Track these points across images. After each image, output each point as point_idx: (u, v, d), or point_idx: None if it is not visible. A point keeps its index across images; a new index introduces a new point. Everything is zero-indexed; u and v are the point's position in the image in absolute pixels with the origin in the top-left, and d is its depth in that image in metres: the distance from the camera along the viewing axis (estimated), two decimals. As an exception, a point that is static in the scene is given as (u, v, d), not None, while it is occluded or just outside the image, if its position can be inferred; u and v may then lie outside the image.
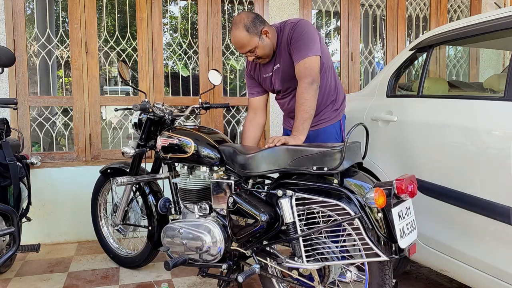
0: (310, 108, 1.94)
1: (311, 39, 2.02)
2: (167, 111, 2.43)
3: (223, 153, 2.09)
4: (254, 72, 2.29)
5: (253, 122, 2.34)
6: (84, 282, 2.51)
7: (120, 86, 3.99)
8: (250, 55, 2.10)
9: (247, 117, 2.38)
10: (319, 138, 2.20)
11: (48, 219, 3.19)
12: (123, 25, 3.44)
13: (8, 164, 2.20)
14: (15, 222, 1.97)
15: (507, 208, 1.61)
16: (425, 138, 2.02)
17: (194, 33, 3.65)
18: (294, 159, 1.76)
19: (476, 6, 4.19)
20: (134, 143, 2.50)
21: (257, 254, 1.91)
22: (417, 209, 1.99)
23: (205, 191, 2.19)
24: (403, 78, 2.76)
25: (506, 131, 1.64)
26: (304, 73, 1.99)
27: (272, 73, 2.18)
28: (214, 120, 3.54)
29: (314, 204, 1.72)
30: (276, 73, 2.17)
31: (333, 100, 2.22)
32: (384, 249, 1.58)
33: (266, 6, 3.57)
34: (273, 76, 2.19)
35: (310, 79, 1.97)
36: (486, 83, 2.41)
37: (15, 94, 3.11)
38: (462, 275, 1.86)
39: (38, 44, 3.26)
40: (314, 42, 2.02)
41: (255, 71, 2.29)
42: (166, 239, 2.21)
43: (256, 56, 2.10)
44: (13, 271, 2.67)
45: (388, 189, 1.57)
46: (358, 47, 3.86)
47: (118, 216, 2.62)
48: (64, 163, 3.24)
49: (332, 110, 2.22)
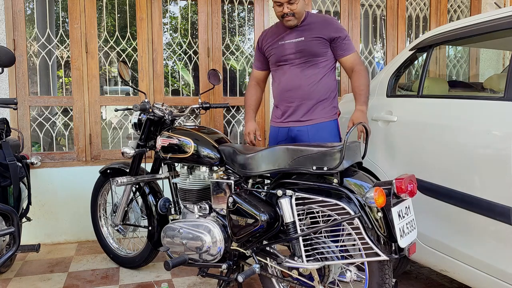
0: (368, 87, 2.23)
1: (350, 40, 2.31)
2: (167, 111, 2.43)
3: (223, 153, 2.09)
4: (266, 42, 2.37)
5: (255, 87, 2.53)
6: (84, 282, 2.51)
7: (120, 86, 3.99)
8: (289, 6, 2.15)
9: (249, 83, 2.56)
10: (319, 133, 2.24)
11: (48, 219, 3.19)
12: (123, 25, 3.44)
13: (8, 164, 2.20)
14: (15, 222, 1.97)
15: (507, 208, 1.61)
16: (425, 138, 2.02)
17: (194, 33, 3.65)
18: (293, 159, 1.76)
19: (476, 6, 4.19)
20: (134, 143, 2.50)
21: (257, 254, 1.91)
22: (417, 209, 1.99)
23: (205, 191, 2.19)
24: (403, 78, 2.76)
25: (506, 131, 1.64)
26: (359, 61, 2.27)
27: (292, 43, 2.25)
28: (214, 120, 3.54)
29: (314, 204, 1.72)
30: (297, 44, 2.24)
31: (333, 97, 2.31)
32: (384, 249, 1.58)
33: (266, 6, 3.57)
34: (292, 46, 2.25)
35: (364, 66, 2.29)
36: (486, 83, 2.41)
37: (15, 94, 3.11)
38: (462, 275, 1.86)
39: (38, 44, 3.26)
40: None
41: (266, 42, 2.37)
42: (166, 239, 2.21)
43: (291, 10, 2.15)
44: (13, 271, 2.67)
45: (387, 189, 1.57)
46: (358, 47, 3.86)
47: (118, 216, 2.62)
48: (64, 163, 3.24)
49: (331, 106, 2.30)
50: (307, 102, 2.25)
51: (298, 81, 2.25)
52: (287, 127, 2.31)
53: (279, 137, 2.35)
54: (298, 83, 2.25)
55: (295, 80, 2.26)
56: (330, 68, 2.28)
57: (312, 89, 2.24)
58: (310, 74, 2.24)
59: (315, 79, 2.24)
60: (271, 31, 2.38)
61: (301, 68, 2.25)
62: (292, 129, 2.29)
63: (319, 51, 2.22)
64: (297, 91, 2.26)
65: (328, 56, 2.26)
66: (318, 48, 2.22)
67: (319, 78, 2.24)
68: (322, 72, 2.25)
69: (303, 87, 2.24)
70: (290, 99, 2.28)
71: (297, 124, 2.28)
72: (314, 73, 2.24)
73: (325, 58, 2.25)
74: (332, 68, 2.30)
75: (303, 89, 2.24)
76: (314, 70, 2.24)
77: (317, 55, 2.23)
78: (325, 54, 2.25)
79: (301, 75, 2.25)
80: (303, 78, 2.24)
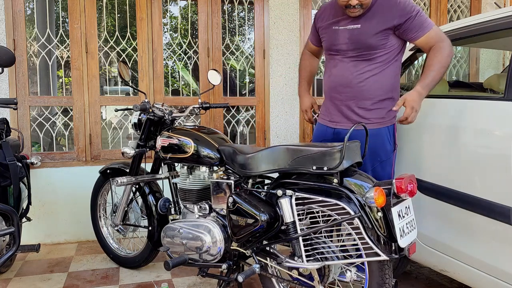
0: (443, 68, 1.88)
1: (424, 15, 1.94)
2: (167, 111, 2.43)
3: (223, 153, 2.09)
4: (322, 22, 2.12)
5: (309, 58, 2.35)
6: (84, 282, 2.51)
7: (120, 86, 3.99)
8: None
9: (303, 53, 2.40)
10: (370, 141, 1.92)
11: (48, 219, 3.19)
12: (123, 25, 3.44)
13: (8, 164, 2.20)
14: (15, 222, 1.97)
15: (507, 208, 1.61)
16: (425, 138, 2.02)
17: (194, 33, 3.65)
18: (293, 159, 1.76)
19: (476, 6, 4.19)
20: (134, 143, 2.50)
21: (257, 254, 1.91)
22: (417, 209, 1.99)
23: (205, 191, 2.19)
24: (403, 78, 2.76)
25: (506, 131, 1.64)
26: (439, 38, 1.90)
27: (346, 30, 1.99)
28: (214, 120, 3.54)
29: (314, 204, 1.72)
30: (351, 33, 1.98)
31: (392, 97, 2.01)
32: (384, 249, 1.58)
33: (266, 6, 3.57)
34: (346, 34, 1.99)
35: (447, 41, 1.90)
36: (486, 83, 2.41)
37: (15, 94, 3.11)
38: (462, 275, 1.86)
39: (38, 44, 3.26)
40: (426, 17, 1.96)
41: (322, 21, 2.13)
42: (166, 239, 2.21)
43: (359, 2, 1.88)
44: (13, 271, 2.67)
45: (387, 189, 1.57)
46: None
47: (118, 216, 2.62)
48: (64, 163, 3.24)
49: (388, 109, 2.00)
50: (358, 102, 1.99)
51: (349, 77, 1.99)
52: (333, 128, 2.09)
53: (326, 138, 2.13)
54: (349, 79, 1.99)
55: (346, 75, 2.00)
56: (390, 61, 1.97)
57: (365, 87, 1.96)
58: (365, 69, 1.96)
59: (369, 76, 1.96)
60: (330, 7, 2.09)
61: (355, 62, 1.98)
62: (340, 132, 2.05)
63: (377, 44, 1.93)
64: (347, 89, 2.00)
65: (388, 48, 1.95)
66: (375, 39, 1.93)
67: (375, 74, 1.96)
68: (379, 67, 1.96)
69: (354, 84, 1.98)
70: (339, 97, 2.03)
71: (345, 127, 2.03)
72: (369, 69, 1.96)
73: (384, 51, 1.95)
74: (393, 61, 1.98)
75: (354, 87, 1.98)
76: (370, 65, 1.96)
77: (374, 48, 1.94)
78: (384, 46, 1.94)
79: (354, 70, 1.98)
80: (356, 73, 1.97)
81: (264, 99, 3.61)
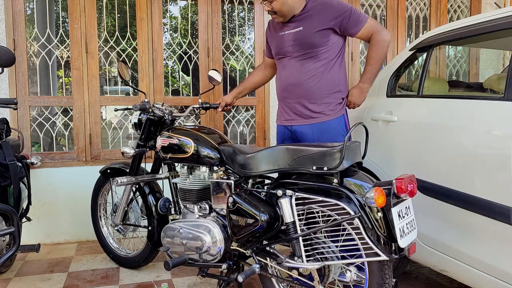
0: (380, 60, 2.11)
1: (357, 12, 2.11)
2: (167, 111, 2.43)
3: (223, 153, 2.09)
4: (270, 32, 2.32)
5: (262, 71, 2.50)
6: (84, 282, 2.51)
7: (120, 86, 3.99)
8: (267, 4, 2.09)
9: (258, 66, 2.55)
10: (324, 133, 2.12)
11: (48, 219, 3.19)
12: (123, 25, 3.44)
13: (8, 164, 2.20)
14: (15, 222, 1.97)
15: (507, 208, 1.61)
16: (425, 138, 2.02)
17: (194, 33, 3.65)
18: (293, 159, 1.76)
19: (476, 6, 4.19)
20: (134, 143, 2.50)
21: (257, 254, 1.91)
22: (417, 209, 1.99)
23: (205, 191, 2.19)
24: (403, 78, 2.76)
25: (506, 131, 1.64)
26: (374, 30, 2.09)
27: (290, 34, 2.14)
28: (214, 120, 3.54)
29: (314, 204, 1.72)
30: (295, 35, 2.13)
31: (339, 90, 2.16)
32: (384, 249, 1.58)
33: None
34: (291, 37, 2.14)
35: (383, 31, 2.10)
36: (486, 83, 2.41)
37: (15, 94, 3.11)
38: (462, 275, 1.86)
39: (38, 44, 3.26)
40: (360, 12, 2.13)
41: (270, 31, 2.32)
42: (166, 239, 2.21)
43: (271, 9, 2.09)
44: (13, 271, 2.67)
45: (387, 189, 1.57)
46: (358, 47, 3.87)
47: (118, 216, 2.62)
48: (64, 163, 3.24)
49: (337, 101, 2.15)
50: (308, 98, 2.12)
51: (298, 76, 2.12)
52: (290, 126, 2.22)
53: (285, 137, 2.27)
54: (298, 78, 2.12)
55: (295, 74, 2.14)
56: (334, 58, 2.12)
57: (313, 84, 2.10)
58: (311, 67, 2.10)
59: (316, 72, 2.10)
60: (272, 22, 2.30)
61: (301, 61, 2.12)
62: (295, 129, 2.19)
63: (319, 42, 2.07)
64: (296, 87, 2.14)
65: (330, 45, 2.09)
66: (317, 38, 2.07)
67: (321, 71, 2.10)
68: (324, 64, 2.10)
69: (303, 82, 2.12)
70: (291, 96, 2.17)
71: (300, 123, 2.17)
72: (316, 66, 2.10)
73: (327, 48, 2.09)
74: (337, 57, 2.13)
75: (303, 85, 2.12)
76: (315, 62, 2.10)
77: (317, 46, 2.08)
78: (326, 44, 2.08)
79: (301, 69, 2.12)
80: (303, 72, 2.11)
81: (264, 99, 3.61)
